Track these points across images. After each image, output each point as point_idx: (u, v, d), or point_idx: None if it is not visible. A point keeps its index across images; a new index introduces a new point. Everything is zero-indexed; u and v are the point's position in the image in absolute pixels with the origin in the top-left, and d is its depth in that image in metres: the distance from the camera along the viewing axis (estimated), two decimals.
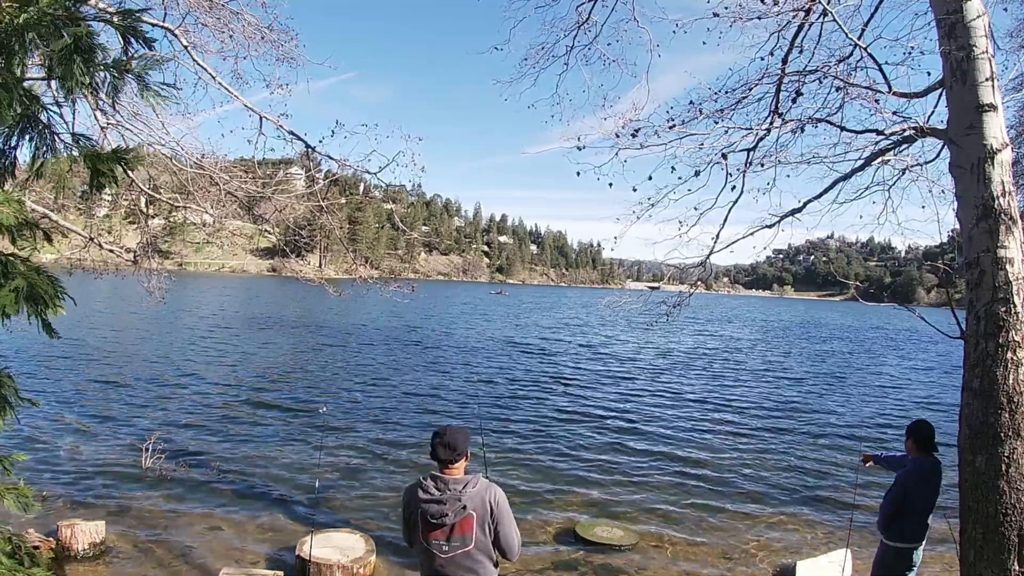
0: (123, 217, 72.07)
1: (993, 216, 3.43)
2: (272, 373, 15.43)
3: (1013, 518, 3.25)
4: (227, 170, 6.16)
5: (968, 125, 3.54)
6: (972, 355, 3.51)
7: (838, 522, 7.03)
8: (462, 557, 2.71)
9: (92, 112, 4.82)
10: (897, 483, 4.12)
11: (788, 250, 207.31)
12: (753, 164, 5.13)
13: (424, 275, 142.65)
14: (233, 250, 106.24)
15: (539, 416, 12.03)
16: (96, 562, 5.34)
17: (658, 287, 5.93)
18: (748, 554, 6.20)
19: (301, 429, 10.08)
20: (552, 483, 8.04)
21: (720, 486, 8.27)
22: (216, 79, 5.49)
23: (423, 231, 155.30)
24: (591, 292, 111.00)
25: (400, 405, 12.40)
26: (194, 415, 10.69)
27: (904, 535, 4.13)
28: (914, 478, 4.06)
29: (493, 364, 19.25)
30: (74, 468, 7.65)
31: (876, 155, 4.54)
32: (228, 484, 7.43)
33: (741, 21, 4.90)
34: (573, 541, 6.27)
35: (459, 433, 2.82)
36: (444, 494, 2.70)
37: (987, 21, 3.57)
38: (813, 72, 4.84)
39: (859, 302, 6.95)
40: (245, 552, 5.72)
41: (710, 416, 12.84)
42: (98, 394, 11.90)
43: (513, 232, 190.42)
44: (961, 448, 3.59)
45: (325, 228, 7.21)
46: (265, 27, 5.65)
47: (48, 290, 2.29)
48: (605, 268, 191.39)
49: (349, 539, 5.52)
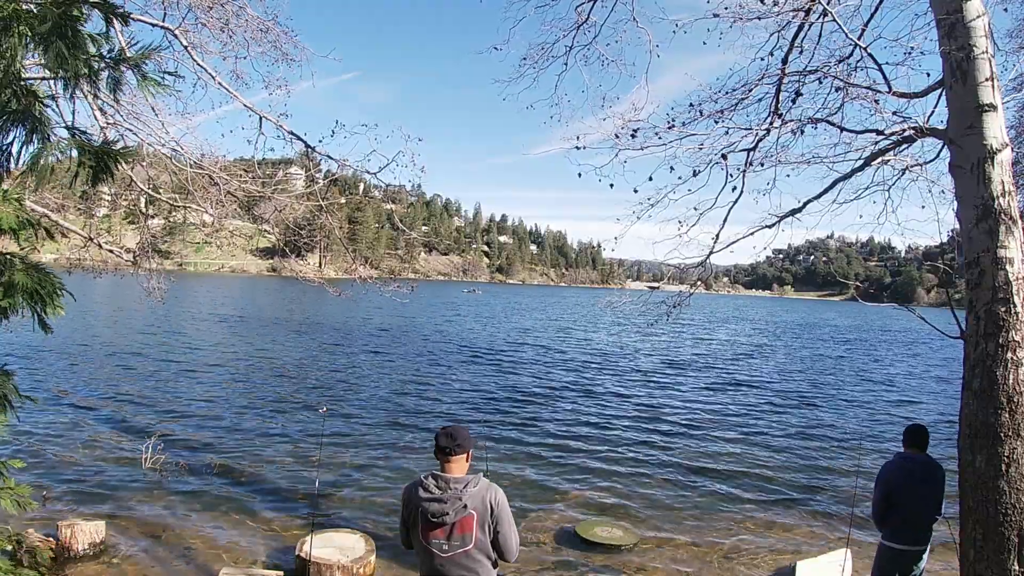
0: (123, 217, 72.04)
1: (993, 216, 3.43)
2: (272, 373, 15.43)
3: (1013, 518, 3.25)
4: (227, 170, 6.16)
5: (968, 125, 3.54)
6: (972, 355, 3.51)
7: (838, 522, 7.02)
8: (462, 557, 2.71)
9: (92, 113, 4.82)
10: (877, 477, 4.16)
11: (788, 250, 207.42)
12: (753, 164, 5.13)
13: (424, 275, 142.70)
14: (233, 250, 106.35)
15: (539, 416, 12.02)
16: (96, 562, 5.34)
17: (658, 287, 5.93)
18: (748, 554, 6.20)
19: (301, 429, 10.08)
20: (552, 483, 8.04)
21: (720, 486, 8.27)
22: (216, 79, 5.48)
23: (423, 231, 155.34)
24: (591, 292, 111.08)
25: (400, 405, 12.40)
26: (194, 415, 10.68)
27: (895, 534, 4.10)
28: (894, 472, 4.07)
29: (493, 364, 19.25)
30: (74, 468, 7.65)
31: (876, 155, 4.53)
32: (228, 484, 7.42)
33: (741, 21, 4.89)
34: (573, 541, 6.27)
35: (462, 429, 2.85)
36: (445, 492, 2.69)
37: (987, 21, 3.57)
38: (813, 72, 4.83)
39: (859, 302, 7.03)
40: (245, 552, 5.72)
41: (710, 416, 12.84)
42: (98, 394, 11.89)
43: (513, 232, 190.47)
44: (961, 448, 3.59)
45: (325, 228, 7.21)
46: (267, 22, 5.65)
47: (48, 288, 2.29)
48: (605, 268, 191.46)
49: (349, 539, 5.52)
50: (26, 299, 2.24)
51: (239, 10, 5.51)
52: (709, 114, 4.91)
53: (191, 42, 5.33)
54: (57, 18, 1.94)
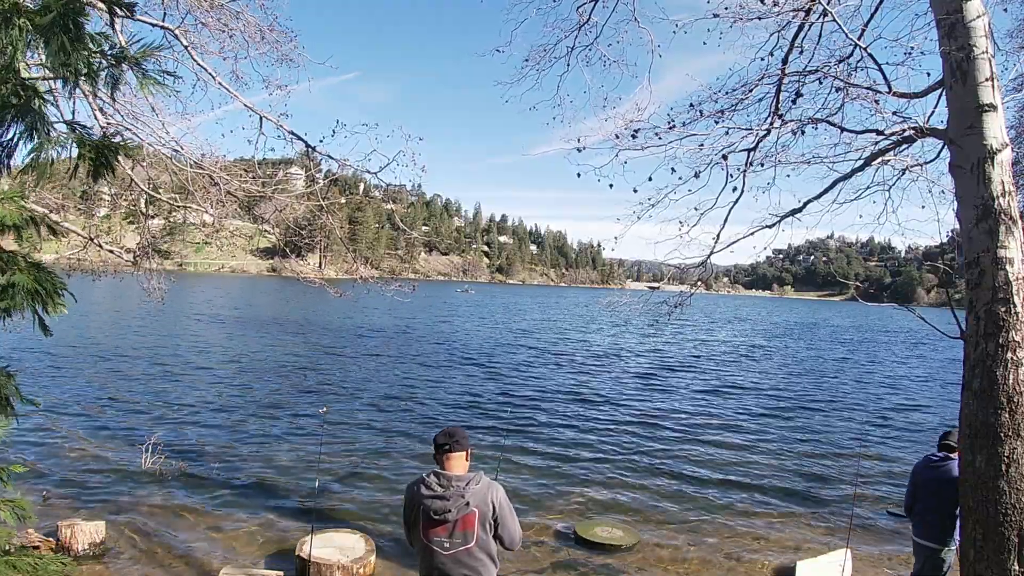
0: (123, 217, 71.98)
1: (993, 216, 3.43)
2: (272, 373, 15.43)
3: (1013, 518, 3.25)
4: (227, 170, 6.15)
5: (968, 125, 3.54)
6: (972, 355, 3.51)
7: (838, 522, 7.02)
8: (463, 555, 2.71)
9: (92, 113, 4.82)
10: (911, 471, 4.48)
11: (788, 250, 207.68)
12: (753, 164, 5.13)
13: (424, 275, 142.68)
14: (233, 250, 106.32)
15: (539, 416, 12.02)
16: (96, 562, 5.34)
17: (658, 287, 5.93)
18: (748, 554, 6.20)
19: (301, 429, 10.08)
20: (552, 483, 8.04)
21: (720, 486, 8.26)
22: (216, 79, 5.48)
23: (423, 231, 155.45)
24: (590, 292, 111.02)
25: (400, 405, 12.40)
26: (194, 415, 10.68)
27: (915, 528, 4.33)
28: (920, 469, 4.34)
29: (492, 364, 19.25)
30: (74, 468, 7.64)
31: (876, 155, 4.53)
32: (228, 484, 7.42)
33: (741, 21, 4.90)
34: (573, 541, 6.27)
35: (460, 429, 2.90)
36: (447, 490, 2.71)
37: (987, 21, 3.57)
38: (813, 72, 4.83)
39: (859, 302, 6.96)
40: (245, 552, 5.72)
41: (710, 416, 12.84)
42: (98, 394, 11.89)
43: (513, 232, 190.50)
44: (961, 448, 3.59)
45: (325, 228, 7.20)
46: (266, 27, 5.64)
47: (48, 287, 2.28)
48: (605, 268, 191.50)
49: (349, 539, 5.52)
50: (27, 299, 2.24)
51: (238, 13, 5.51)
52: (709, 114, 4.91)
53: (191, 42, 5.33)
54: (60, 10, 1.93)
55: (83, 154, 2.25)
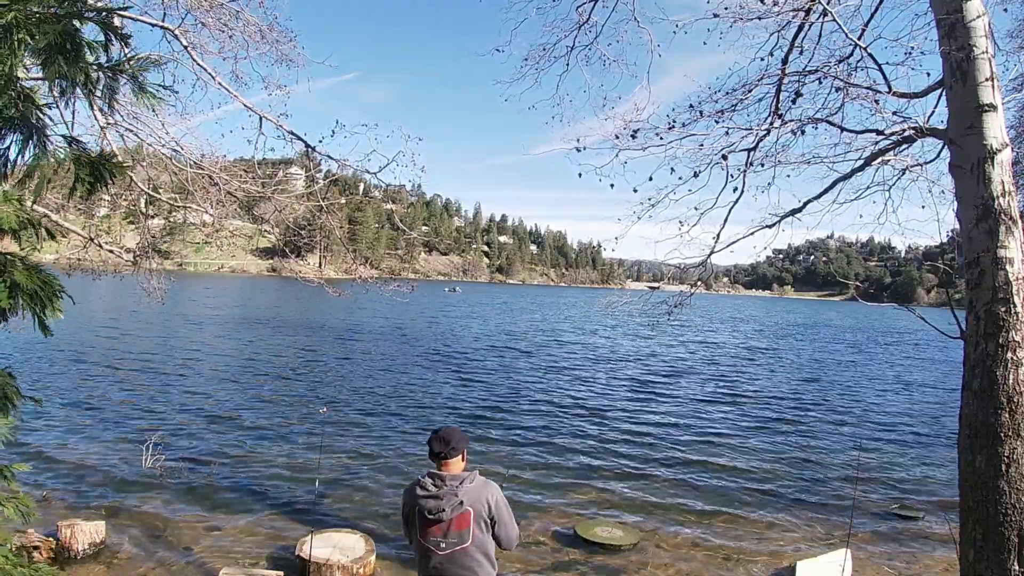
0: (123, 217, 72.03)
1: (993, 216, 3.43)
2: (272, 373, 15.43)
3: (1013, 518, 3.25)
4: (227, 170, 6.15)
5: (968, 125, 3.54)
6: (972, 355, 3.51)
7: (838, 522, 7.02)
8: (460, 555, 2.71)
9: (92, 113, 4.82)
10: None
11: (788, 250, 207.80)
12: (753, 164, 5.13)
13: (424, 275, 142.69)
14: (233, 250, 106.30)
15: (539, 417, 12.02)
16: (96, 562, 5.34)
17: (658, 287, 5.93)
18: (748, 554, 6.20)
19: (301, 429, 10.08)
20: (552, 483, 8.04)
21: (720, 486, 8.27)
22: (216, 79, 5.48)
23: (423, 231, 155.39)
24: (590, 292, 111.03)
25: (400, 405, 12.40)
26: (194, 415, 10.68)
27: None
28: None
29: (492, 364, 19.25)
30: (74, 468, 7.64)
31: (876, 155, 4.53)
32: (228, 484, 7.42)
33: (741, 21, 4.89)
34: (573, 541, 6.27)
35: (454, 431, 2.87)
36: (441, 490, 2.71)
37: (987, 21, 3.57)
38: (813, 72, 4.83)
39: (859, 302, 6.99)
40: (245, 552, 5.72)
41: (710, 417, 12.84)
42: (99, 394, 11.89)
43: (513, 232, 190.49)
44: (961, 448, 3.59)
45: (325, 228, 7.20)
46: (265, 27, 5.64)
47: (48, 290, 2.28)
48: (605, 268, 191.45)
49: (349, 539, 5.52)
50: (26, 301, 2.24)
51: (238, 13, 5.51)
52: (709, 114, 4.91)
53: (191, 42, 5.33)
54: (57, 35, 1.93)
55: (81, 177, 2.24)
